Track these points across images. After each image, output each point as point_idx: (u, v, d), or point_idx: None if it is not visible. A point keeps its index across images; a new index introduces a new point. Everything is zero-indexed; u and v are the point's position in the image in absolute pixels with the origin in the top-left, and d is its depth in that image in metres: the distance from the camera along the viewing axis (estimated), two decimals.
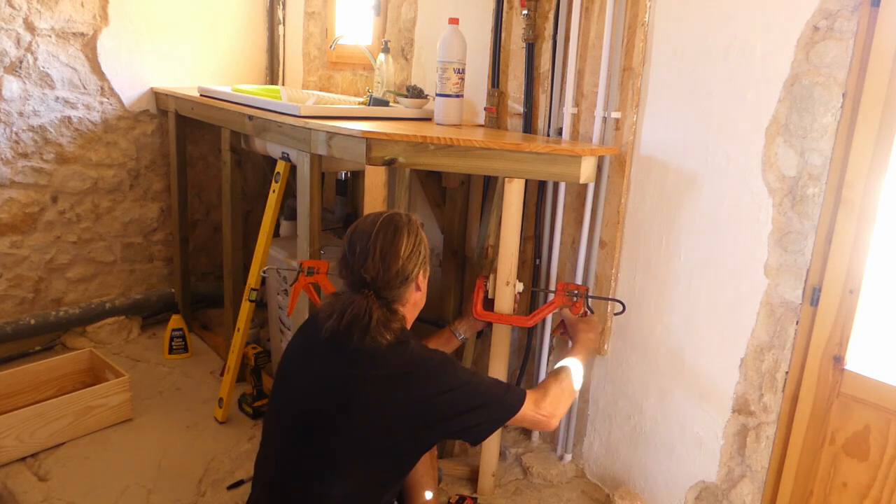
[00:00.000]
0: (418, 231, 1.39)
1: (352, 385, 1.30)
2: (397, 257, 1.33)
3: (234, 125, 2.36)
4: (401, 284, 1.35)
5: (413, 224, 1.39)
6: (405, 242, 1.35)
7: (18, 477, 1.96)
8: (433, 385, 1.31)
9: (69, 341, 2.73)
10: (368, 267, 1.32)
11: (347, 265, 1.35)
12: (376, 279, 1.32)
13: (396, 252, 1.33)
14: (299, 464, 1.34)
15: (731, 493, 1.77)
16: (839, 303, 1.52)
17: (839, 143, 1.47)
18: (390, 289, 1.34)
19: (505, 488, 2.05)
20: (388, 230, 1.35)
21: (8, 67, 2.42)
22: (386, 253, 1.33)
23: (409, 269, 1.35)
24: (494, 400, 1.36)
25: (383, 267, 1.32)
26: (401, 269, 1.34)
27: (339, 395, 1.31)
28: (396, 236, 1.35)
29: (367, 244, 1.33)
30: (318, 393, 1.33)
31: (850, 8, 1.41)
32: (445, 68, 2.03)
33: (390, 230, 1.35)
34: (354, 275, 1.34)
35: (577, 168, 1.70)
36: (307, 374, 1.37)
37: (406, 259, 1.34)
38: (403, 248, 1.34)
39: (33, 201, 2.58)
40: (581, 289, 1.81)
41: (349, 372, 1.31)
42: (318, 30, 3.04)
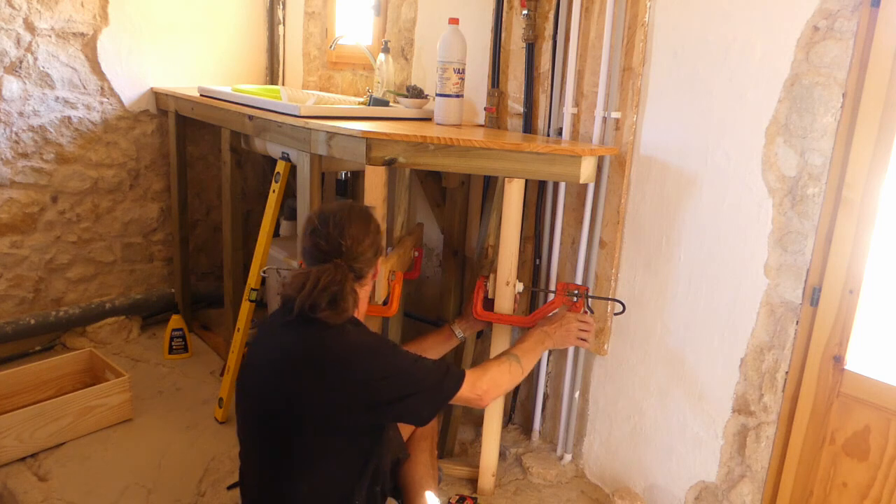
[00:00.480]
0: (378, 226, 1.48)
1: (294, 377, 1.33)
2: (372, 231, 1.43)
3: (234, 125, 2.36)
4: (372, 257, 1.43)
5: (375, 219, 1.48)
6: (375, 220, 1.46)
7: (18, 477, 1.96)
8: (372, 370, 1.34)
9: (69, 341, 2.73)
10: (346, 235, 1.37)
11: (321, 236, 1.38)
12: (352, 247, 1.38)
13: (369, 226, 1.43)
14: (266, 463, 1.39)
15: (731, 493, 1.77)
16: (839, 303, 1.52)
17: (839, 143, 1.47)
18: (362, 260, 1.40)
19: (505, 488, 2.05)
20: (362, 209, 1.45)
21: (8, 67, 2.42)
22: (362, 224, 1.41)
23: (380, 244, 1.45)
24: (433, 385, 1.41)
25: (361, 234, 1.39)
26: (373, 243, 1.42)
27: (283, 393, 1.34)
28: (369, 214, 1.46)
29: (342, 218, 1.39)
30: (266, 395, 1.37)
31: (850, 8, 1.41)
32: (445, 68, 2.03)
33: (363, 209, 1.46)
34: (331, 243, 1.37)
35: (577, 168, 1.70)
36: (257, 376, 1.41)
37: (376, 235, 1.44)
38: (375, 226, 1.45)
39: (33, 201, 2.58)
40: (581, 289, 1.82)
41: (289, 365, 1.35)
42: (318, 30, 3.04)
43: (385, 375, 1.34)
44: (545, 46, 2.01)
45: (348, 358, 1.33)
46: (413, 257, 2.18)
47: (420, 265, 2.25)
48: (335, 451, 1.38)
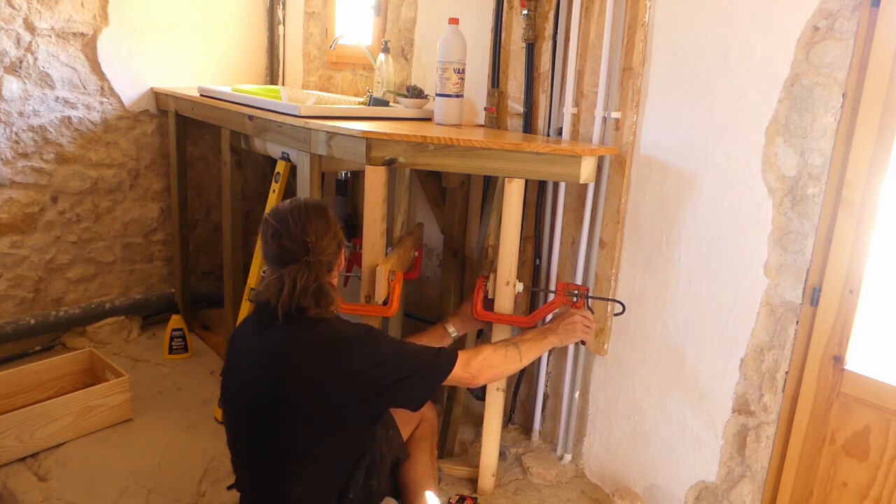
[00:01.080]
0: (335, 220, 1.46)
1: (284, 376, 1.33)
2: (332, 224, 1.41)
3: (234, 125, 2.36)
4: (336, 249, 1.42)
5: (331, 214, 1.46)
6: (332, 215, 1.44)
7: (18, 477, 1.96)
8: (363, 360, 1.35)
9: (69, 341, 2.73)
10: (309, 231, 1.36)
11: (285, 237, 1.37)
12: (317, 243, 1.37)
13: (328, 219, 1.41)
14: (262, 465, 1.40)
15: (731, 493, 1.77)
16: (839, 303, 1.52)
17: (839, 143, 1.47)
18: (328, 253, 1.39)
19: (505, 488, 2.05)
20: (315, 204, 1.43)
21: (8, 67, 2.42)
22: (321, 219, 1.40)
23: (340, 237, 1.43)
24: (426, 366, 1.42)
25: (322, 229, 1.38)
26: (335, 235, 1.41)
27: (273, 390, 1.34)
28: (324, 207, 1.44)
29: (301, 216, 1.38)
30: (258, 398, 1.37)
31: (850, 8, 1.41)
32: (445, 68, 2.03)
33: (318, 204, 1.43)
34: (296, 242, 1.36)
35: (577, 168, 1.70)
36: (247, 381, 1.41)
37: (336, 227, 1.42)
38: (332, 218, 1.43)
39: (33, 201, 2.58)
40: (581, 289, 1.82)
41: (278, 364, 1.35)
42: (318, 30, 3.04)
43: (378, 362, 1.36)
44: (545, 46, 2.01)
45: (340, 350, 1.35)
46: (413, 257, 2.18)
47: (420, 265, 2.25)
48: (329, 447, 1.38)
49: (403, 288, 2.09)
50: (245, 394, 1.40)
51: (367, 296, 1.83)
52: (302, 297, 1.33)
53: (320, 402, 1.33)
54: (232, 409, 1.46)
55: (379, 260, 1.82)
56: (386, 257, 1.88)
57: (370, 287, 1.81)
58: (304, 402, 1.33)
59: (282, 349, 1.35)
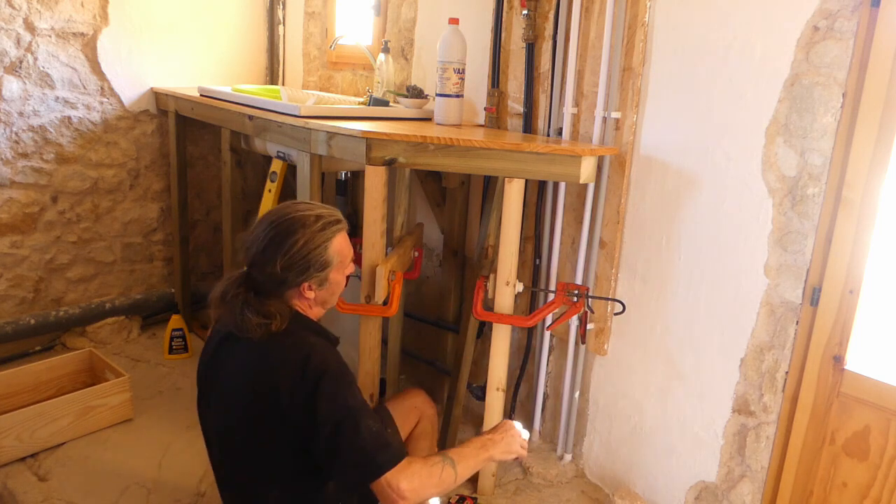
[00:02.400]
0: (317, 241, 1.30)
1: (248, 386, 1.30)
2: (274, 261, 1.28)
3: (234, 125, 2.36)
4: (277, 286, 1.31)
5: (315, 233, 1.30)
6: (291, 251, 1.28)
7: (18, 477, 1.96)
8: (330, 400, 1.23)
9: (69, 341, 2.73)
10: (249, 255, 1.31)
11: (243, 239, 1.34)
12: (253, 270, 1.32)
13: (274, 256, 1.28)
14: (231, 478, 1.40)
15: (731, 493, 1.77)
16: (839, 303, 1.52)
17: (839, 143, 1.47)
18: (263, 282, 1.31)
19: (505, 488, 2.05)
20: (286, 229, 1.29)
21: (8, 67, 2.42)
22: (268, 250, 1.29)
23: (287, 277, 1.29)
24: (370, 437, 1.23)
25: (261, 262, 1.30)
26: (276, 274, 1.28)
27: (239, 400, 1.31)
28: (285, 241, 1.28)
29: (262, 233, 1.31)
30: (223, 408, 1.36)
31: (850, 8, 1.41)
32: (445, 68, 2.03)
33: (287, 230, 1.29)
34: (242, 255, 1.34)
35: (577, 168, 1.70)
36: (213, 389, 1.40)
37: (285, 267, 1.28)
38: (286, 256, 1.28)
39: (33, 201, 2.57)
40: (581, 289, 1.82)
41: (243, 377, 1.31)
42: (318, 30, 3.04)
43: (331, 397, 1.24)
44: (545, 46, 2.01)
45: (311, 377, 1.24)
46: (413, 257, 2.18)
47: (420, 265, 2.25)
48: (288, 470, 1.31)
49: (403, 288, 2.09)
50: (221, 411, 1.40)
51: (367, 296, 1.83)
52: (224, 299, 1.30)
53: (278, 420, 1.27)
54: (210, 427, 1.47)
55: (379, 260, 1.82)
56: (386, 257, 1.88)
57: (370, 287, 1.81)
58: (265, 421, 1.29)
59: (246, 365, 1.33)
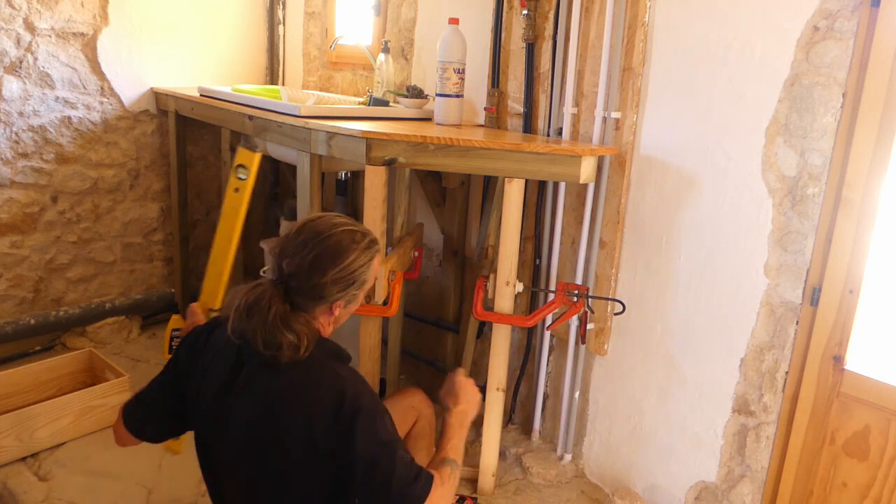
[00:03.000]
0: (364, 260, 1.27)
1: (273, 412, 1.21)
2: (323, 273, 1.22)
3: (234, 125, 2.36)
4: (314, 298, 1.24)
5: (363, 251, 1.27)
6: (343, 264, 1.23)
7: (18, 477, 1.95)
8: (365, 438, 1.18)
9: (69, 341, 2.73)
10: (293, 263, 1.23)
11: (281, 247, 1.25)
12: (292, 279, 1.23)
13: (325, 268, 1.22)
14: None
15: (731, 493, 1.77)
16: (839, 303, 1.52)
17: (839, 143, 1.47)
18: (300, 294, 1.23)
19: (505, 488, 2.05)
20: (339, 242, 1.24)
21: (8, 67, 2.42)
22: (318, 261, 1.22)
23: (330, 291, 1.24)
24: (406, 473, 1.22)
25: (307, 273, 1.22)
26: (320, 286, 1.23)
27: (264, 434, 1.22)
28: (339, 253, 1.23)
29: (311, 241, 1.24)
30: (243, 440, 1.27)
31: (850, 8, 1.41)
32: (445, 68, 2.03)
33: (343, 242, 1.24)
34: (278, 259, 1.25)
35: (577, 168, 1.70)
36: (228, 416, 1.30)
37: (333, 280, 1.23)
38: (337, 269, 1.23)
39: (33, 201, 2.57)
40: (581, 289, 1.82)
41: (270, 409, 1.22)
42: (318, 30, 3.04)
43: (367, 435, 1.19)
44: (545, 46, 2.01)
45: (348, 412, 1.18)
46: (413, 257, 2.18)
47: (420, 265, 2.25)
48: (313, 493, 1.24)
49: (403, 288, 2.09)
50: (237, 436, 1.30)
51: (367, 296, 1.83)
52: (252, 312, 1.18)
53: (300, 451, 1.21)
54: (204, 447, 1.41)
55: None
56: (386, 257, 1.88)
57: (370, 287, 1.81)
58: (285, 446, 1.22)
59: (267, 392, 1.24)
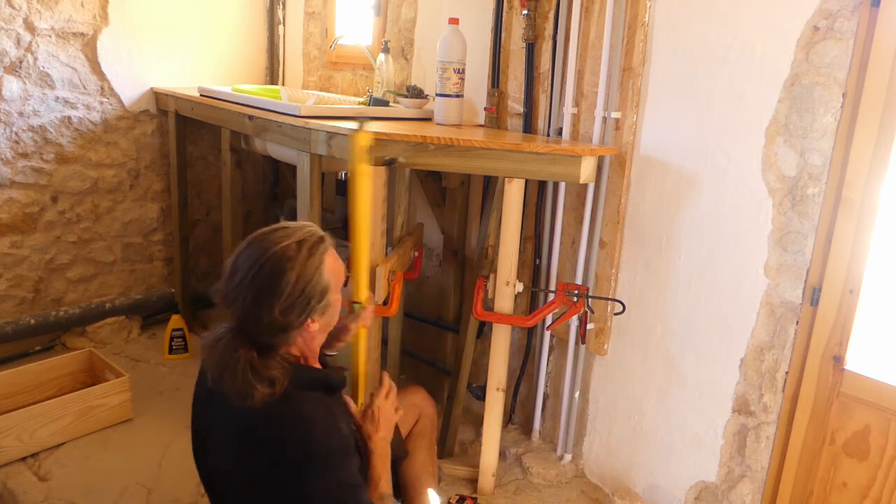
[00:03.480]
0: (311, 272, 1.13)
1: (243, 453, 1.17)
2: (271, 308, 1.09)
3: (234, 125, 2.36)
4: (278, 333, 1.14)
5: (304, 263, 1.12)
6: (286, 292, 1.10)
7: (18, 477, 1.95)
8: (327, 482, 1.12)
9: (69, 341, 2.73)
10: (238, 309, 1.12)
11: (223, 294, 1.14)
12: (246, 324, 1.12)
13: (270, 303, 1.10)
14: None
15: (731, 493, 1.77)
16: (839, 303, 1.52)
17: (839, 143, 1.47)
18: (261, 335, 1.14)
19: (505, 488, 2.05)
20: (270, 270, 1.10)
21: (8, 67, 2.42)
22: (259, 299, 1.10)
23: (289, 320, 1.12)
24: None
25: (254, 315, 1.11)
26: (275, 322, 1.11)
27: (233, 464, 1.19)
28: (274, 283, 1.10)
29: (243, 280, 1.11)
30: (218, 463, 1.24)
31: (850, 8, 1.41)
32: (445, 68, 2.03)
33: (273, 271, 1.10)
34: (225, 307, 1.14)
35: (577, 168, 1.70)
36: (207, 438, 1.28)
37: (284, 311, 1.10)
38: (282, 299, 1.10)
39: (33, 201, 2.57)
40: (581, 289, 1.82)
41: (239, 441, 1.17)
42: (318, 30, 3.04)
43: (331, 481, 1.13)
44: (545, 46, 2.01)
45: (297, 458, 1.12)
46: (413, 257, 2.18)
47: (420, 265, 2.25)
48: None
49: (403, 288, 2.09)
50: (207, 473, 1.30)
51: None
52: (223, 374, 1.10)
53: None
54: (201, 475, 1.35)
55: (379, 260, 1.82)
56: (386, 257, 1.88)
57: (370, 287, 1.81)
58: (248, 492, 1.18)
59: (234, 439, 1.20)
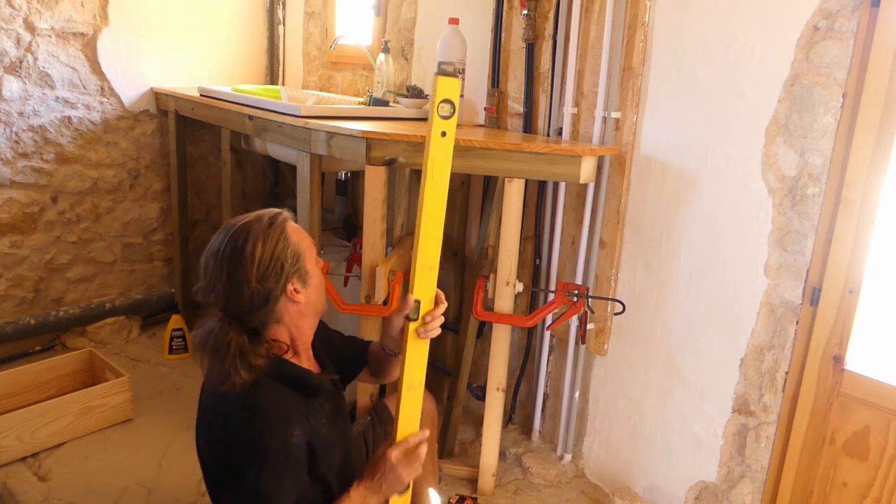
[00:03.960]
0: (275, 237, 1.18)
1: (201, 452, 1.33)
2: (248, 279, 1.15)
3: (234, 125, 2.36)
4: (262, 306, 1.18)
5: (266, 231, 1.18)
6: (256, 258, 1.15)
7: (18, 477, 1.95)
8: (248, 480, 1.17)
9: (69, 341, 2.73)
10: (219, 294, 1.17)
11: (203, 288, 1.19)
12: (229, 307, 1.17)
13: (245, 274, 1.15)
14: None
15: (731, 493, 1.77)
16: (839, 303, 1.52)
17: (839, 143, 1.47)
18: (251, 313, 1.18)
19: (505, 488, 2.05)
20: (235, 245, 1.16)
21: (8, 67, 2.42)
22: (233, 274, 1.15)
23: (269, 287, 1.16)
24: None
25: (234, 293, 1.15)
26: (256, 293, 1.16)
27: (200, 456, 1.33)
28: (243, 254, 1.15)
29: (215, 265, 1.17)
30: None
31: (850, 8, 1.41)
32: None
33: (238, 245, 1.16)
34: (206, 298, 1.19)
35: (577, 168, 1.70)
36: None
37: (261, 278, 1.15)
38: (254, 267, 1.15)
39: (33, 201, 2.57)
40: (581, 289, 1.82)
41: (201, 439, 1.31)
42: (318, 30, 3.04)
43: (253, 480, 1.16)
44: (545, 46, 2.01)
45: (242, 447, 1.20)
46: None
47: None
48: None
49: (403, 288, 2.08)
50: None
51: (367, 296, 1.83)
52: (216, 359, 1.17)
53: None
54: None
55: (379, 260, 1.82)
56: (386, 257, 1.88)
57: (370, 287, 1.81)
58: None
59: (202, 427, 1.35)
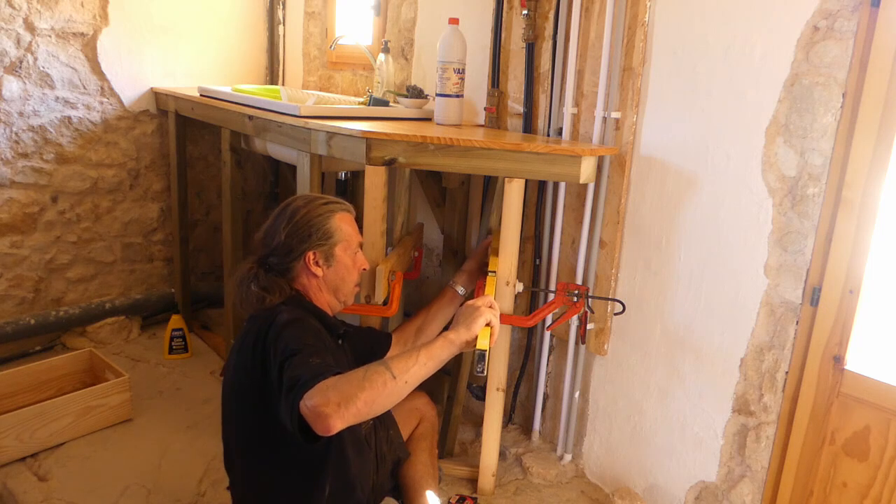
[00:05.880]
0: (318, 211, 1.52)
1: (231, 366, 1.46)
2: (281, 231, 1.50)
3: (234, 125, 2.36)
4: (282, 256, 1.50)
5: (317, 209, 1.52)
6: (294, 217, 1.50)
7: (18, 477, 1.96)
8: (280, 343, 1.32)
9: (69, 341, 2.73)
10: (261, 232, 1.54)
11: (260, 235, 1.56)
12: (263, 244, 1.52)
13: (282, 226, 1.50)
14: (226, 454, 1.53)
15: (731, 493, 1.77)
16: (839, 303, 1.52)
17: (839, 143, 1.47)
18: (271, 256, 1.50)
19: (505, 488, 2.05)
20: (291, 203, 1.54)
21: (8, 67, 2.42)
22: (275, 221, 1.52)
23: (291, 244, 1.49)
24: (299, 369, 1.22)
25: (271, 234, 1.51)
26: (282, 242, 1.49)
27: (228, 381, 1.48)
28: (288, 209, 1.52)
29: (274, 216, 1.55)
30: (225, 389, 1.51)
31: (850, 8, 1.41)
32: (445, 68, 2.03)
33: (291, 203, 1.54)
34: (259, 237, 1.55)
35: (577, 168, 1.70)
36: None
37: (289, 234, 1.49)
38: (291, 223, 1.50)
39: (33, 201, 2.58)
40: (581, 289, 1.82)
41: (233, 349, 1.48)
42: (318, 30, 3.04)
43: (284, 339, 1.31)
44: (545, 46, 2.01)
45: (261, 328, 1.38)
46: (413, 257, 2.18)
47: (420, 265, 2.25)
48: (254, 439, 1.42)
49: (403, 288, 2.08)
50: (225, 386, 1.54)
51: (367, 296, 1.83)
52: (241, 287, 1.48)
53: (247, 382, 1.40)
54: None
55: (379, 260, 1.82)
56: (386, 257, 1.88)
57: (370, 287, 1.81)
58: (241, 385, 1.42)
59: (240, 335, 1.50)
